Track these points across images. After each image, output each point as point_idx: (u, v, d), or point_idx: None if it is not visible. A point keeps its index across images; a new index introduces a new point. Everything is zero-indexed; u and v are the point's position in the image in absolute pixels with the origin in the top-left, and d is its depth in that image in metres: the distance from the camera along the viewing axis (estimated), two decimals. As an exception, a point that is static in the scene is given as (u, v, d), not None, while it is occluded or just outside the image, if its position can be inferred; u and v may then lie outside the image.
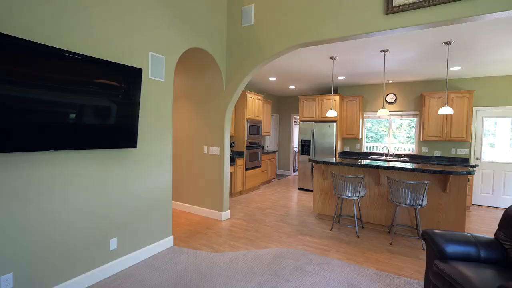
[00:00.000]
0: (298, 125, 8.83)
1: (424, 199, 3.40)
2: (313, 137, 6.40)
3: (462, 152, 5.60)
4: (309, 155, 6.44)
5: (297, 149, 9.48)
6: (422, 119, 5.67)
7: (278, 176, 8.52)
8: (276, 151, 7.72)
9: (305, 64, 4.84)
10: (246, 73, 3.76)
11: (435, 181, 3.73)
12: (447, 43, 3.60)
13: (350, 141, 6.76)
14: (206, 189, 4.27)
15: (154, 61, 2.91)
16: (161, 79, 3.01)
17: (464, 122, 5.31)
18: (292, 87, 6.98)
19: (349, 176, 3.74)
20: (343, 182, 3.80)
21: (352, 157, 6.20)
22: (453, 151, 5.68)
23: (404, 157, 6.10)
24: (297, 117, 10.42)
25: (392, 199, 3.57)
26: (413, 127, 6.18)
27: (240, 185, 5.82)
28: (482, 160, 5.49)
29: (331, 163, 4.13)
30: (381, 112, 4.34)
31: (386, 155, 6.29)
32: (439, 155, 5.80)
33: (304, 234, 3.74)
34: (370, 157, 6.11)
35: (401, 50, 3.93)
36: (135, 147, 2.61)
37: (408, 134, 6.26)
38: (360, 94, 6.58)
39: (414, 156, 6.03)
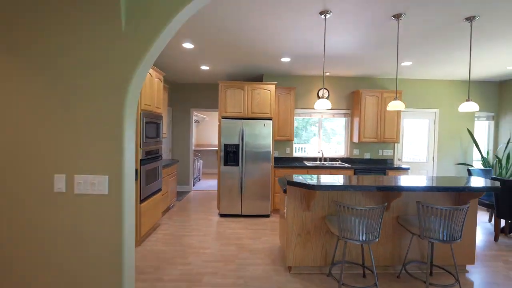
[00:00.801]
0: (219, 123, 6.71)
1: (462, 229, 2.40)
2: (242, 139, 4.56)
3: (387, 153, 5.45)
4: (237, 164, 4.56)
5: (193, 157, 7.30)
6: (359, 118, 5.08)
7: (178, 195, 6.05)
8: (178, 162, 5.29)
9: (250, 26, 2.95)
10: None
11: (445, 199, 2.87)
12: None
13: (280, 144, 5.42)
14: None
15: None
16: None
17: (394, 122, 5.10)
18: (204, 67, 4.82)
19: (365, 208, 2.24)
20: (354, 217, 2.27)
21: (286, 164, 4.89)
22: (380, 152, 5.45)
23: (338, 161, 5.39)
24: (198, 112, 8.26)
25: (424, 233, 2.38)
26: (341, 127, 5.58)
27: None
28: (403, 160, 5.54)
29: (330, 187, 2.47)
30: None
31: (320, 159, 5.39)
32: (369, 157, 5.44)
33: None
34: (304, 163, 4.98)
35: (345, 23, 2.82)
36: None
37: (336, 134, 5.63)
38: (292, 86, 5.35)
39: (347, 159, 5.43)
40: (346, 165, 4.91)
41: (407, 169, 4.81)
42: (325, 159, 5.39)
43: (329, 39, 3.33)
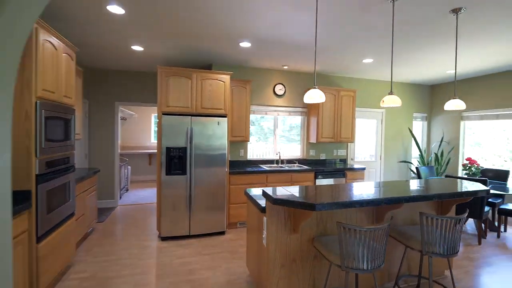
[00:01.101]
0: (158, 121, 5.53)
1: (460, 240, 2.15)
2: (190, 140, 3.64)
3: (342, 153, 5.32)
4: (184, 172, 3.62)
5: (117, 164, 5.98)
6: (317, 117, 4.75)
7: (100, 214, 4.66)
8: (98, 171, 4.00)
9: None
10: None
11: (428, 206, 2.65)
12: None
13: (234, 146, 4.67)
14: None
15: None
16: None
17: (350, 122, 4.96)
18: (137, 47, 3.71)
19: (374, 228, 1.75)
20: (358, 241, 1.76)
21: (241, 168, 4.19)
22: (335, 152, 5.27)
23: (296, 162, 4.97)
24: (125, 107, 6.87)
25: (427, 247, 2.04)
26: (297, 126, 5.19)
27: (29, 292, 2.00)
28: (356, 160, 5.49)
29: (342, 205, 1.86)
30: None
31: (277, 162, 4.86)
32: (325, 158, 5.20)
33: None
34: (261, 167, 4.39)
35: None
36: None
37: (291, 134, 5.22)
38: (248, 78, 4.64)
39: (304, 161, 5.06)
40: (306, 167, 4.51)
41: (363, 169, 4.71)
42: (282, 161, 4.89)
43: (297, 19, 2.76)
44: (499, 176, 4.27)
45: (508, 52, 3.67)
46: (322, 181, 4.43)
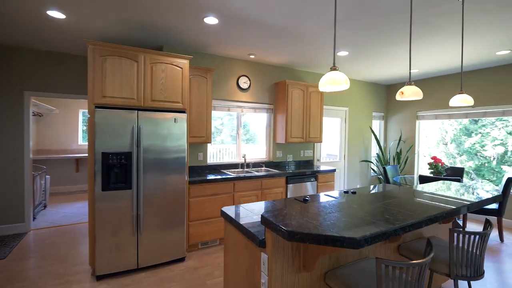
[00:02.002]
0: (90, 117, 4.32)
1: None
2: (138, 143, 2.74)
3: (308, 154, 4.98)
4: (129, 186, 2.71)
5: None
6: (285, 115, 4.28)
7: (3, 245, 3.33)
8: (-4, 187, 2.78)
9: None
10: None
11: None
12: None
13: (193, 149, 3.87)
14: None
15: None
16: None
17: (318, 120, 4.64)
18: (56, 12, 2.64)
19: (418, 263, 1.31)
20: (399, 277, 1.32)
21: (202, 176, 3.45)
22: (302, 153, 4.90)
23: (262, 166, 4.42)
24: (40, 100, 5.48)
25: (455, 270, 1.70)
26: (264, 124, 4.64)
27: None
28: (322, 161, 5.22)
29: (385, 235, 1.30)
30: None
31: (243, 166, 4.23)
32: (292, 159, 4.78)
33: None
34: (225, 173, 3.72)
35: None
36: None
37: (256, 134, 4.66)
38: (212, 66, 3.86)
39: (271, 164, 4.55)
40: (275, 171, 4.00)
41: (334, 170, 4.43)
42: (248, 165, 4.29)
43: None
44: (456, 173, 4.45)
45: (458, 55, 3.77)
46: (294, 187, 3.98)
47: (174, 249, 2.98)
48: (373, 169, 5.89)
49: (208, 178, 3.34)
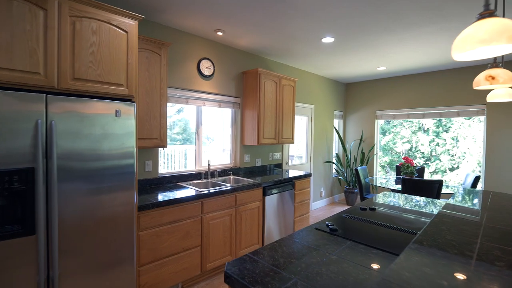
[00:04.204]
0: None
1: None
2: (46, 152, 1.56)
3: (277, 156, 4.34)
4: (29, 230, 1.52)
5: None
6: (258, 111, 3.51)
7: None
8: None
9: None
10: None
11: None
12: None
13: (140, 155, 2.73)
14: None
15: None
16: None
17: (290, 119, 4.04)
18: None
19: None
20: None
21: (153, 194, 2.42)
22: (270, 156, 4.23)
23: (230, 174, 3.55)
24: None
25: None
26: (228, 122, 3.76)
27: None
28: (290, 164, 4.64)
29: None
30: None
31: (206, 175, 3.28)
32: (260, 164, 4.05)
33: None
34: (185, 187, 2.76)
35: None
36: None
37: (218, 133, 3.75)
38: (166, 41, 2.73)
39: (238, 170, 3.72)
40: (248, 180, 3.20)
41: (310, 175, 3.89)
42: (212, 174, 3.36)
43: None
44: (420, 173, 4.48)
45: (423, 56, 3.71)
46: (272, 199, 3.25)
47: (117, 316, 1.89)
48: (336, 170, 5.66)
49: (165, 198, 2.32)
